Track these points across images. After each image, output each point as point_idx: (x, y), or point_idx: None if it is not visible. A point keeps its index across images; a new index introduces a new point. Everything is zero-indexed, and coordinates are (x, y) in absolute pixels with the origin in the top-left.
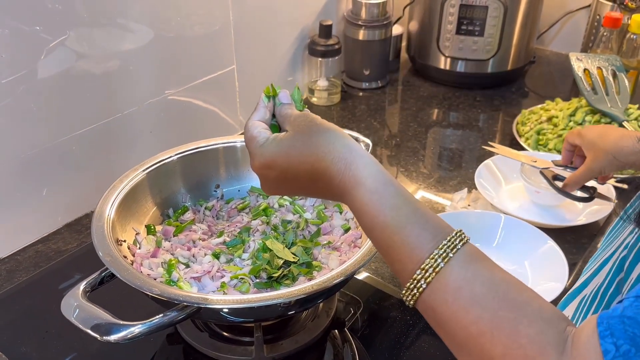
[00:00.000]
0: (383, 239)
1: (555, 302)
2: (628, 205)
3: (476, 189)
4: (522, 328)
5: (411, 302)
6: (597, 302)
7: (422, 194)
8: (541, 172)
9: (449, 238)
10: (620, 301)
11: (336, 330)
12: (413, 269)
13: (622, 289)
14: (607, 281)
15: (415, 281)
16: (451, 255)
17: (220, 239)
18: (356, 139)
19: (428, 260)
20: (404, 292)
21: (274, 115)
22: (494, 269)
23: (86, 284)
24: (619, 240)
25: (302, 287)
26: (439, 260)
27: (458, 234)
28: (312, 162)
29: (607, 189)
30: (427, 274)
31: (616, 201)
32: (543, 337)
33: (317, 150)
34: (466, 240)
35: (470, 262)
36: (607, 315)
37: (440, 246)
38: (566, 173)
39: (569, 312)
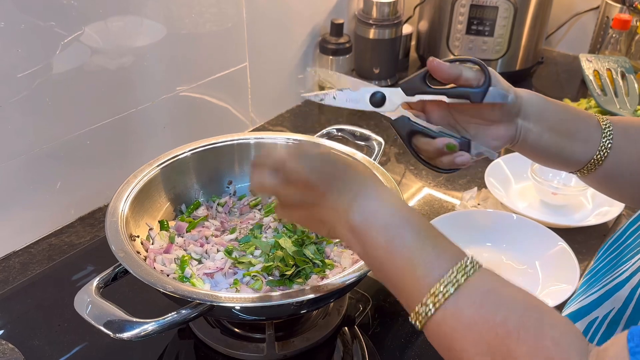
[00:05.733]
0: (389, 267)
1: (563, 305)
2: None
3: (486, 187)
4: (547, 330)
5: (429, 314)
6: (622, 329)
7: (431, 192)
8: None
9: (459, 264)
10: None
11: (346, 328)
12: (430, 284)
13: None
14: (631, 308)
15: (443, 285)
16: (466, 276)
17: (233, 236)
18: (368, 138)
19: (438, 285)
20: (416, 310)
21: None
22: (511, 284)
23: (100, 279)
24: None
25: (315, 286)
26: (450, 287)
27: (475, 259)
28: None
29: None
30: (445, 288)
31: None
32: (567, 341)
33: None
34: (479, 266)
35: (491, 276)
36: (638, 331)
37: (459, 263)
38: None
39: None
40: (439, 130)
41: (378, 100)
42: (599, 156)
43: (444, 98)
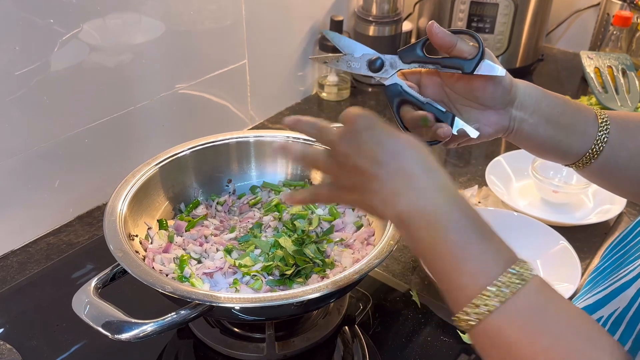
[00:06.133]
0: (442, 263)
1: None
2: None
3: (486, 185)
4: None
5: (470, 324)
6: (624, 329)
7: None
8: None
9: (515, 268)
10: None
11: (346, 327)
12: (471, 295)
13: None
14: (634, 308)
15: (475, 306)
16: (517, 285)
17: (232, 235)
18: None
19: (491, 287)
20: (459, 315)
21: None
22: (564, 300)
23: (98, 280)
24: None
25: (316, 286)
26: (505, 289)
27: (525, 267)
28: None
29: None
30: (490, 300)
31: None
32: None
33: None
34: (530, 275)
35: (542, 289)
36: None
37: (506, 274)
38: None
39: None
40: (426, 102)
41: (377, 66)
42: (594, 149)
43: (437, 68)
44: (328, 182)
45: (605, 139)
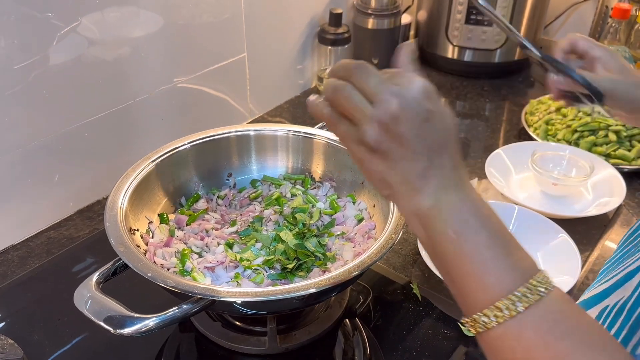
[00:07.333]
0: (455, 266)
1: (569, 294)
2: None
3: (486, 178)
4: None
5: (487, 326)
6: (623, 317)
7: None
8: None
9: (533, 281)
10: None
11: (347, 320)
12: (495, 298)
13: None
14: (634, 297)
15: (486, 316)
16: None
17: (233, 229)
18: None
19: (505, 300)
20: (467, 320)
21: None
22: (582, 311)
23: (99, 274)
24: None
25: (317, 280)
26: (519, 304)
27: (547, 278)
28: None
29: None
30: (502, 312)
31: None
32: None
33: None
34: (552, 287)
35: (563, 300)
36: None
37: (532, 280)
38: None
39: None
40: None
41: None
42: None
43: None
44: (354, 130)
45: None
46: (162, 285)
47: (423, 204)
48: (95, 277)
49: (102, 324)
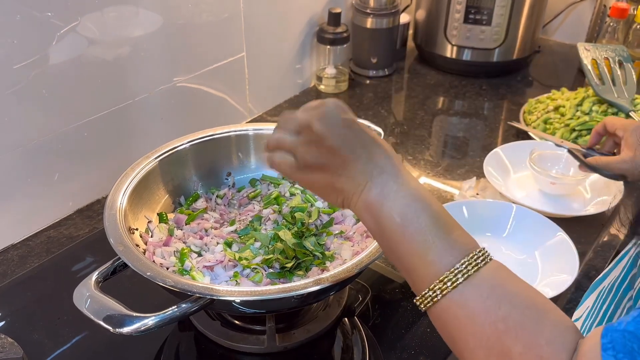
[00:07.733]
0: (402, 248)
1: (567, 292)
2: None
3: (484, 177)
4: (545, 329)
5: (434, 300)
6: (612, 295)
7: (429, 182)
8: (570, 151)
9: (471, 255)
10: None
11: (346, 319)
12: (439, 273)
13: (635, 284)
14: (621, 275)
15: (443, 282)
16: (473, 269)
17: (232, 228)
18: None
19: (448, 273)
20: (419, 298)
21: None
22: (519, 280)
23: (99, 274)
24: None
25: (316, 279)
26: (459, 276)
27: (485, 252)
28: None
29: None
30: (452, 280)
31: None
32: (561, 341)
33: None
34: (489, 259)
35: (501, 270)
36: (612, 329)
37: (470, 255)
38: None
39: (590, 302)
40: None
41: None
42: None
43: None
44: (292, 160)
45: None
46: (161, 284)
47: (370, 195)
48: (94, 276)
49: (102, 323)
